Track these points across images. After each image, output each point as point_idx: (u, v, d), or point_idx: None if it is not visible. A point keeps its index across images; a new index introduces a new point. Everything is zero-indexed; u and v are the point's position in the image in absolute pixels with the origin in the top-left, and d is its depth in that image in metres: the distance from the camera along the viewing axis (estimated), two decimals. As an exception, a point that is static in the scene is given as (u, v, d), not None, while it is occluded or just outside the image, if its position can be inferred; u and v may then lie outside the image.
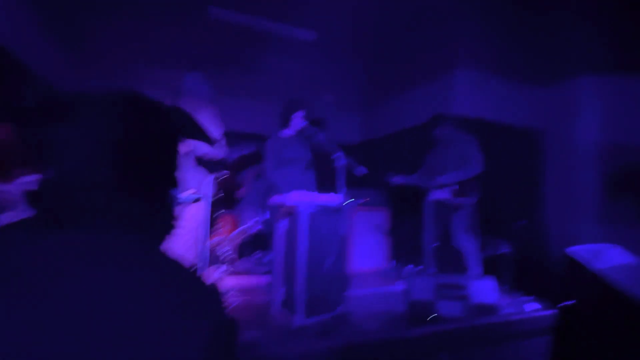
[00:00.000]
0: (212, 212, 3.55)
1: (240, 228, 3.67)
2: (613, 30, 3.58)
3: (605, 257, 2.05)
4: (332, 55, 5.04)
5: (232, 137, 5.33)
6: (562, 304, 2.05)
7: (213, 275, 3.44)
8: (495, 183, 3.27)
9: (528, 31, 4.19)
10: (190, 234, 2.67)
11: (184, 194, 2.58)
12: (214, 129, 2.58)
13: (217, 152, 2.61)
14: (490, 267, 3.40)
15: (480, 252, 3.35)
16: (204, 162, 2.68)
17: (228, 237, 3.66)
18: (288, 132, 3.09)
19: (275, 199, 2.58)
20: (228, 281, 3.24)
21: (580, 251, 2.09)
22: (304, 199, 2.36)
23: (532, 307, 2.76)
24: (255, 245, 3.65)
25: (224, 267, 3.52)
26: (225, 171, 3.10)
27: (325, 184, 3.11)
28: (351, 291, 3.24)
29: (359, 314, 2.54)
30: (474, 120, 4.15)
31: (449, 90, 4.31)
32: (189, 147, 2.58)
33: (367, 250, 4.33)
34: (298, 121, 3.04)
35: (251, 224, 3.71)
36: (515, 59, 4.40)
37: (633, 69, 4.00)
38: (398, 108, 5.33)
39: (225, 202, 3.79)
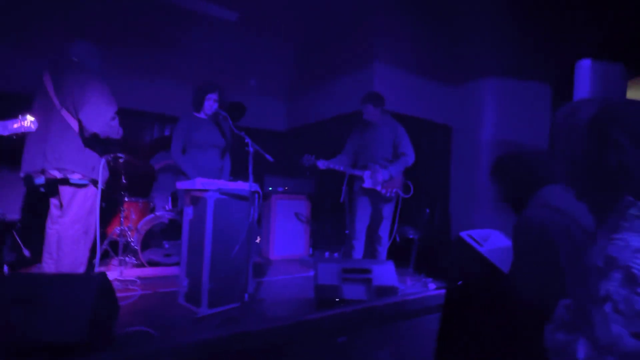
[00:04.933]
0: (118, 199, 3.27)
1: (147, 217, 3.43)
2: (512, 37, 3.98)
3: (489, 241, 2.30)
4: (258, 39, 4.91)
5: (147, 119, 4.96)
6: (451, 284, 2.25)
7: (115, 266, 3.18)
8: (406, 173, 3.45)
9: (441, 34, 4.51)
10: (81, 222, 2.41)
11: (72, 178, 2.32)
12: (105, 106, 2.33)
13: (109, 131, 2.37)
14: (397, 252, 3.62)
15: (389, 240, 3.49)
16: (95, 143, 2.42)
17: (133, 226, 3.40)
18: (200, 115, 2.97)
19: (181, 184, 2.44)
20: (131, 273, 3.01)
21: (470, 235, 2.31)
22: (210, 185, 2.27)
23: (430, 288, 3.01)
24: (164, 235, 3.44)
25: (127, 258, 3.28)
26: (120, 154, 2.84)
27: (239, 171, 3.04)
28: (265, 278, 3.24)
29: (267, 301, 2.54)
30: (390, 113, 4.35)
31: (369, 82, 4.45)
32: (76, 125, 2.31)
33: (287, 238, 4.34)
34: (210, 104, 2.93)
35: (160, 212, 3.49)
36: (429, 58, 4.71)
37: (528, 73, 4.51)
38: (322, 97, 5.38)
39: (132, 188, 3.50)
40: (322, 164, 3.25)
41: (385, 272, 2.47)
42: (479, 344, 1.98)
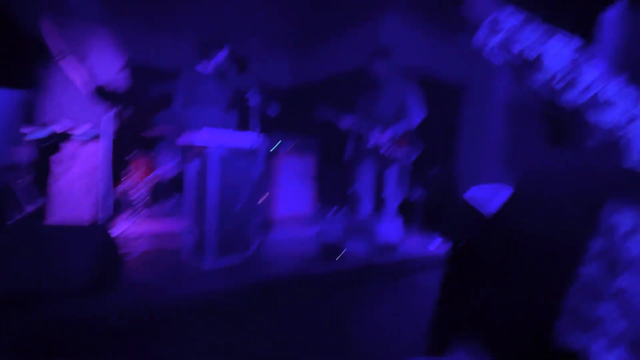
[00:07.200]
0: (125, 153, 3.26)
1: (156, 171, 3.44)
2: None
3: (496, 200, 2.26)
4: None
5: (151, 74, 4.84)
6: (454, 243, 2.25)
7: (124, 220, 3.24)
8: (413, 132, 3.36)
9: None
10: (86, 176, 2.42)
11: (79, 131, 2.30)
12: (112, 57, 2.24)
13: (118, 82, 2.30)
14: (404, 211, 3.62)
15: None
16: (104, 95, 2.36)
17: (142, 181, 3.43)
18: (205, 70, 2.84)
19: (185, 139, 2.41)
20: (141, 227, 3.08)
21: (475, 195, 2.27)
22: (215, 139, 2.23)
23: (435, 246, 3.03)
24: (172, 188, 3.47)
25: (137, 213, 3.33)
26: (129, 106, 2.79)
27: (242, 125, 2.98)
28: (269, 234, 3.29)
29: (271, 256, 2.58)
30: (399, 69, 4.16)
31: (376, 36, 4.22)
32: (84, 75, 2.24)
33: (291, 195, 4.36)
34: (217, 58, 2.78)
35: (168, 166, 3.49)
36: (443, 10, 4.39)
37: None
38: (328, 52, 5.15)
39: (139, 142, 3.49)
40: (340, 120, 3.16)
41: (389, 230, 2.48)
42: (478, 300, 2.01)
